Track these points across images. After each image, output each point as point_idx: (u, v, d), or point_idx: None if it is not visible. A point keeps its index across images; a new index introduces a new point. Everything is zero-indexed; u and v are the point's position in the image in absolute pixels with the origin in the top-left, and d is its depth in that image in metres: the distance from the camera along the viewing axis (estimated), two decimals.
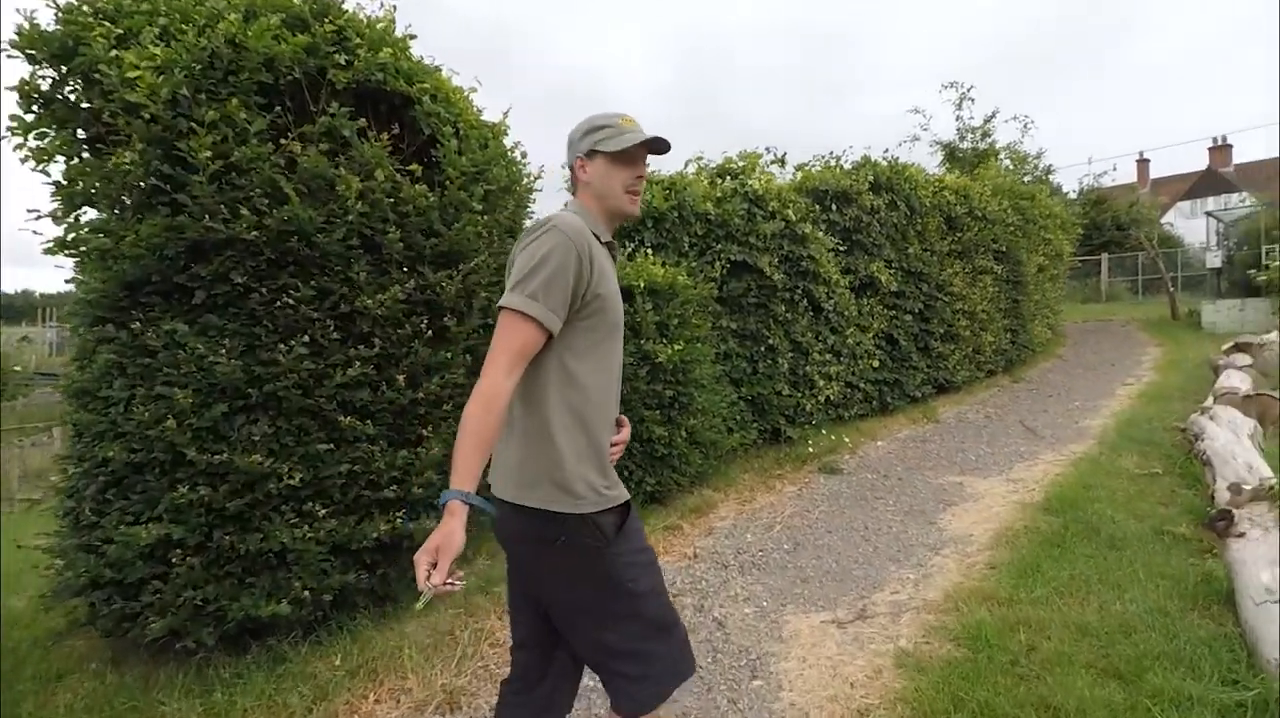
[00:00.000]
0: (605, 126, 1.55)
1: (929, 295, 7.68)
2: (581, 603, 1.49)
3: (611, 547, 1.46)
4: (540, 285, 1.36)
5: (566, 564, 1.44)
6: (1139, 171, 34.54)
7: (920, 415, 7.25)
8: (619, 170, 1.54)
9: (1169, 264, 24.27)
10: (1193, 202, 30.77)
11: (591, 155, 1.55)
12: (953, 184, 8.26)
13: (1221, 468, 4.37)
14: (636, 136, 1.53)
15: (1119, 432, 6.13)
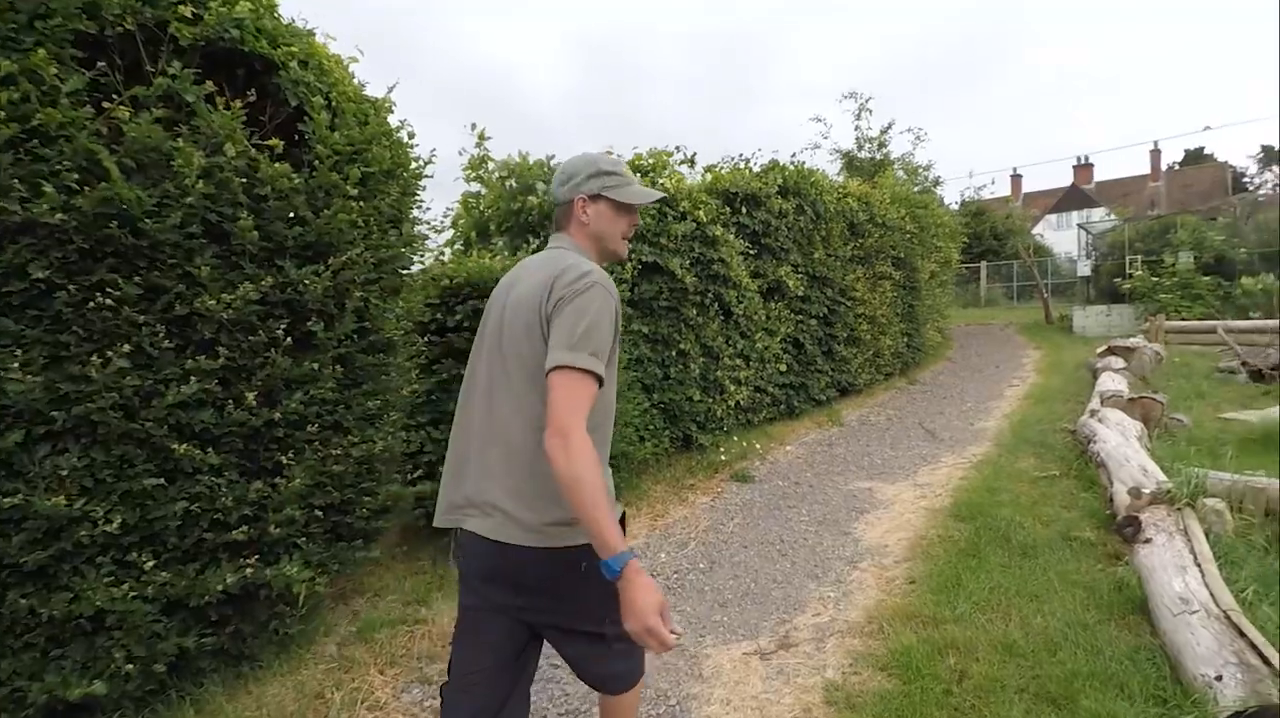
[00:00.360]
0: (614, 173, 1.61)
1: (833, 300, 7.74)
2: (594, 610, 1.49)
3: None
4: (600, 344, 1.41)
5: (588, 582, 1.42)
6: (1013, 186, 37.42)
7: (825, 419, 7.27)
8: (621, 218, 1.63)
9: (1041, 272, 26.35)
10: (1059, 215, 33.67)
11: (596, 199, 1.60)
12: (855, 191, 8.39)
13: (1117, 470, 4.52)
14: (648, 195, 1.65)
15: (1014, 434, 6.35)
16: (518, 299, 1.53)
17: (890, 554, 3.87)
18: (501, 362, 1.52)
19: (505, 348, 1.52)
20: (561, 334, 1.40)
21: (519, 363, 1.48)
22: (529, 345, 1.47)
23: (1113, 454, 4.78)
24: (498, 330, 1.55)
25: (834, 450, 6.25)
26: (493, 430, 1.50)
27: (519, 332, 1.49)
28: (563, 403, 1.34)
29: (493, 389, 1.53)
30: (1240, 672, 2.27)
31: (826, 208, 7.51)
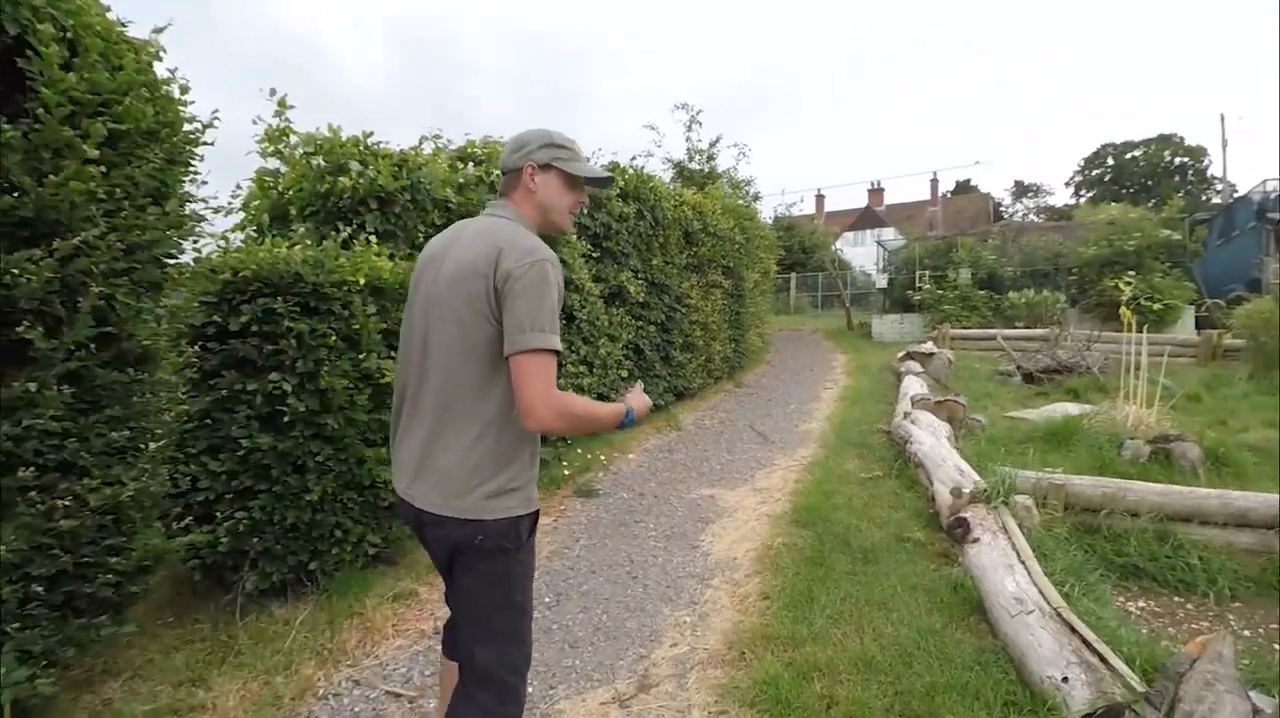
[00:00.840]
0: (566, 147, 1.66)
1: (670, 306, 7.72)
2: (474, 593, 1.60)
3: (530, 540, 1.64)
4: (555, 321, 1.47)
5: (477, 562, 1.57)
6: (817, 205, 40.99)
7: (664, 424, 7.21)
8: (569, 192, 1.67)
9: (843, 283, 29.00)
10: (855, 232, 37.43)
11: (547, 169, 1.63)
12: (691, 200, 8.47)
13: (935, 470, 4.82)
14: (598, 171, 1.71)
15: (836, 435, 6.67)
16: (458, 270, 1.52)
17: (740, 568, 3.77)
18: (437, 330, 1.54)
19: (443, 318, 1.53)
20: (524, 318, 1.44)
21: (461, 331, 1.50)
22: (473, 317, 1.49)
23: (929, 455, 5.12)
24: (431, 300, 1.57)
25: (675, 457, 6.16)
26: (428, 401, 1.55)
27: (460, 303, 1.50)
28: (541, 383, 1.43)
29: (428, 360, 1.56)
30: (1083, 672, 2.36)
31: (665, 214, 7.46)
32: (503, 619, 1.60)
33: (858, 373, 10.88)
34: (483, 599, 1.58)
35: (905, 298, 15.84)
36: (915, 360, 9.89)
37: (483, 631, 1.59)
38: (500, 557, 1.55)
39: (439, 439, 1.53)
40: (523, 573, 1.63)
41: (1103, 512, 4.26)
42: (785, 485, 5.23)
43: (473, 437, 1.51)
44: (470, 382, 1.50)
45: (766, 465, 5.85)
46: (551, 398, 1.43)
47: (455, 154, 5.04)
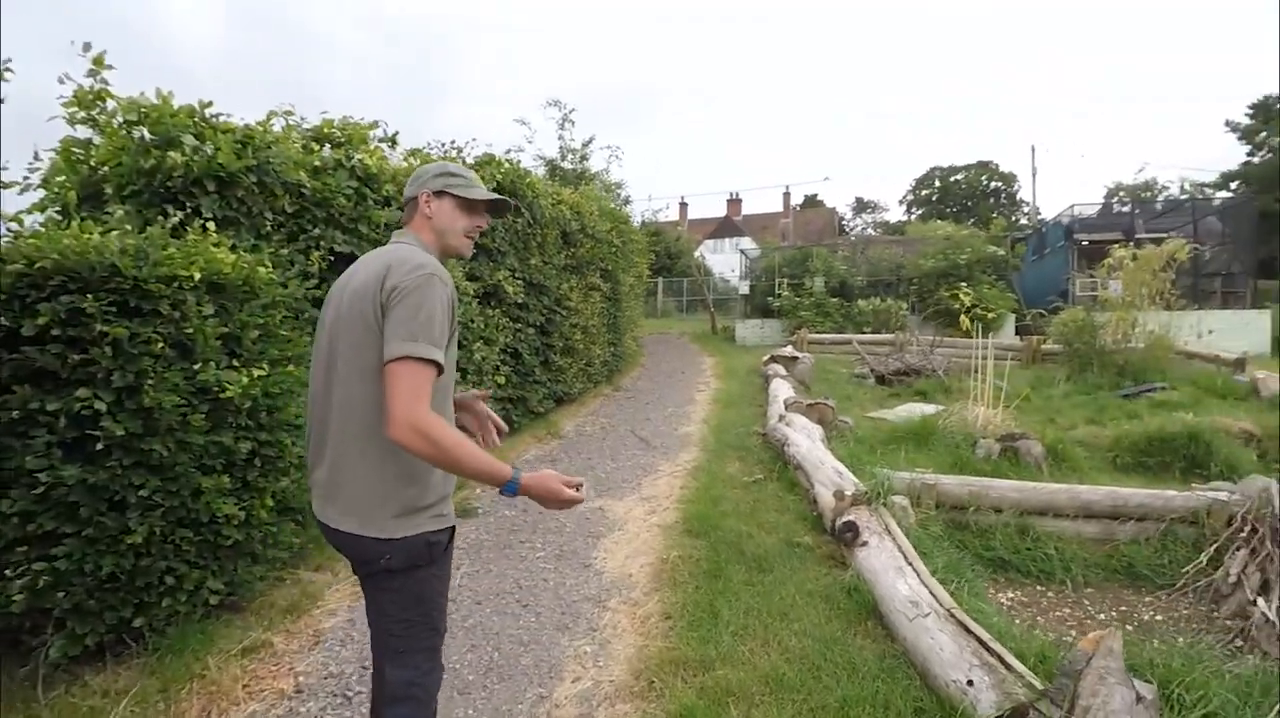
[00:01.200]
0: (459, 175, 1.74)
1: (549, 308, 7.44)
2: (387, 610, 1.62)
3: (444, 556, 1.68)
4: (438, 333, 1.48)
5: (390, 582, 1.59)
6: (680, 212, 42.05)
7: (544, 431, 6.92)
8: (465, 216, 1.74)
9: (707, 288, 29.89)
10: (716, 240, 38.85)
11: (440, 195, 1.71)
12: (569, 199, 8.23)
13: (814, 473, 4.92)
14: (491, 194, 1.77)
15: (716, 438, 6.71)
16: (354, 292, 1.56)
17: (637, 585, 3.60)
18: (339, 354, 1.56)
19: (342, 341, 1.55)
20: (399, 325, 1.45)
21: (355, 353, 1.53)
22: (365, 336, 1.51)
23: (808, 457, 5.23)
24: (335, 323, 1.59)
25: (558, 467, 5.84)
26: (332, 423, 1.57)
27: (356, 324, 1.53)
28: (405, 392, 1.41)
29: (331, 383, 1.58)
30: (986, 674, 2.40)
31: (543, 213, 7.17)
32: (416, 638, 1.63)
33: (727, 376, 11.14)
34: (396, 617, 1.61)
35: (766, 304, 16.55)
36: (780, 364, 10.28)
37: (395, 650, 1.62)
38: (413, 575, 1.58)
39: (344, 461, 1.55)
40: (437, 591, 1.65)
41: (970, 509, 4.54)
42: (672, 493, 5.14)
43: (376, 457, 1.52)
44: (370, 402, 1.51)
45: (652, 472, 5.74)
46: (414, 412, 1.40)
47: (310, 134, 4.48)
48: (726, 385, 10.14)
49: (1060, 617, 3.80)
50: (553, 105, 13.33)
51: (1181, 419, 6.18)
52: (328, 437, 1.58)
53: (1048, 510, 4.57)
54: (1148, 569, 4.19)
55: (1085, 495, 4.58)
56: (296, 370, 3.17)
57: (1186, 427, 5.97)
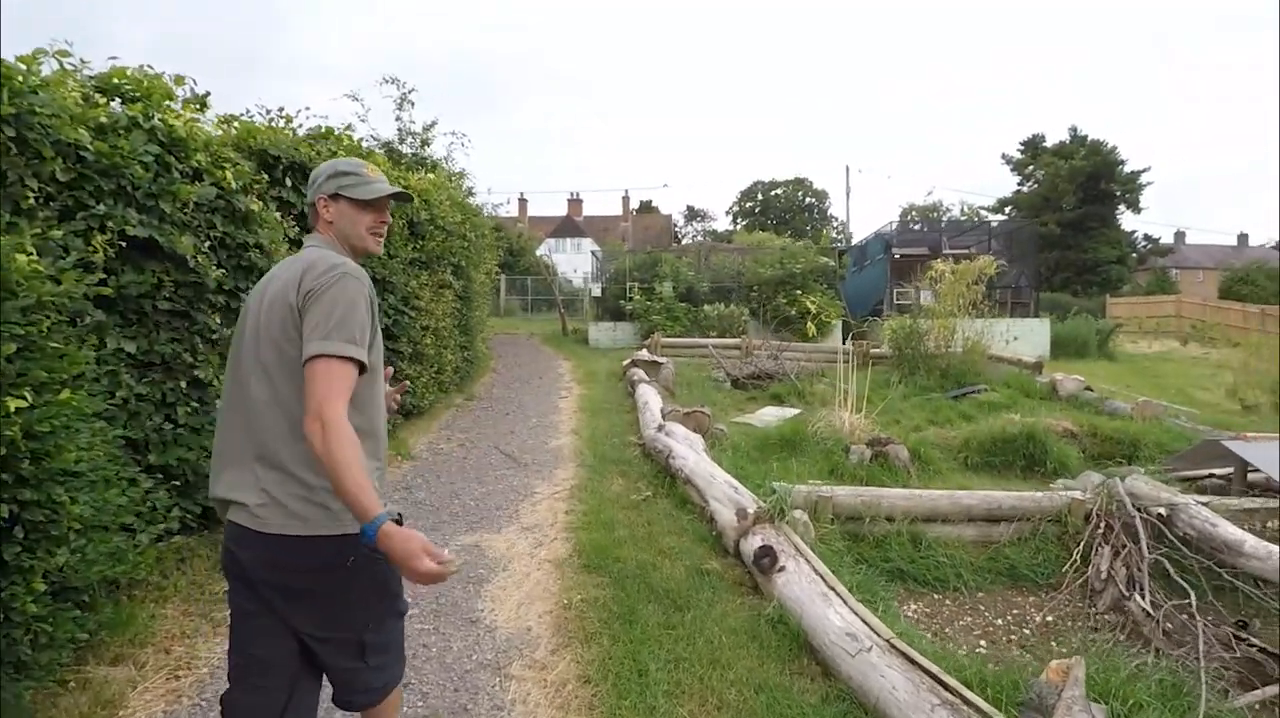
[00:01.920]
0: (350, 173, 1.69)
1: (397, 309, 6.56)
2: (355, 614, 1.57)
3: None
4: (359, 330, 1.50)
5: (354, 580, 1.53)
6: (520, 209, 41.02)
7: (393, 453, 6.06)
8: (363, 214, 1.71)
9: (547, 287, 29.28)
10: (557, 239, 38.35)
11: (335, 198, 1.69)
12: (417, 186, 7.36)
13: (707, 488, 4.65)
14: (382, 189, 1.72)
15: (591, 452, 6.27)
16: (271, 298, 1.56)
17: (540, 641, 3.07)
18: (258, 360, 1.55)
19: (262, 347, 1.55)
20: (315, 324, 1.46)
21: (278, 357, 1.53)
22: (285, 340, 1.52)
23: (697, 471, 4.97)
24: (254, 331, 1.58)
25: (416, 496, 5.13)
26: (254, 426, 1.54)
27: (275, 329, 1.53)
28: (321, 389, 1.41)
29: (249, 387, 1.56)
30: (949, 714, 2.21)
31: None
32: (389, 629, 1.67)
33: (588, 381, 10.74)
34: (366, 616, 1.59)
35: (618, 307, 16.40)
36: (641, 368, 10.07)
37: (374, 650, 1.62)
38: (376, 564, 1.49)
39: (277, 466, 1.51)
40: (392, 573, 1.59)
41: (866, 519, 4.51)
42: (557, 519, 4.63)
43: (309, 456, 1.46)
44: (298, 403, 1.48)
45: (528, 496, 5.17)
46: (324, 407, 1.38)
47: (95, 83, 3.42)
48: (589, 391, 9.73)
49: (965, 626, 3.84)
50: (389, 83, 12.09)
51: (1019, 421, 6.75)
52: (260, 447, 1.53)
53: (934, 517, 4.67)
54: (1028, 570, 4.40)
55: (965, 500, 4.74)
56: (75, 397, 2.27)
57: (1023, 428, 6.52)
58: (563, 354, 14.57)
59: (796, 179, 56.78)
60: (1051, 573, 4.41)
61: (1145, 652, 3.45)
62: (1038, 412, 8.46)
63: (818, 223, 55.62)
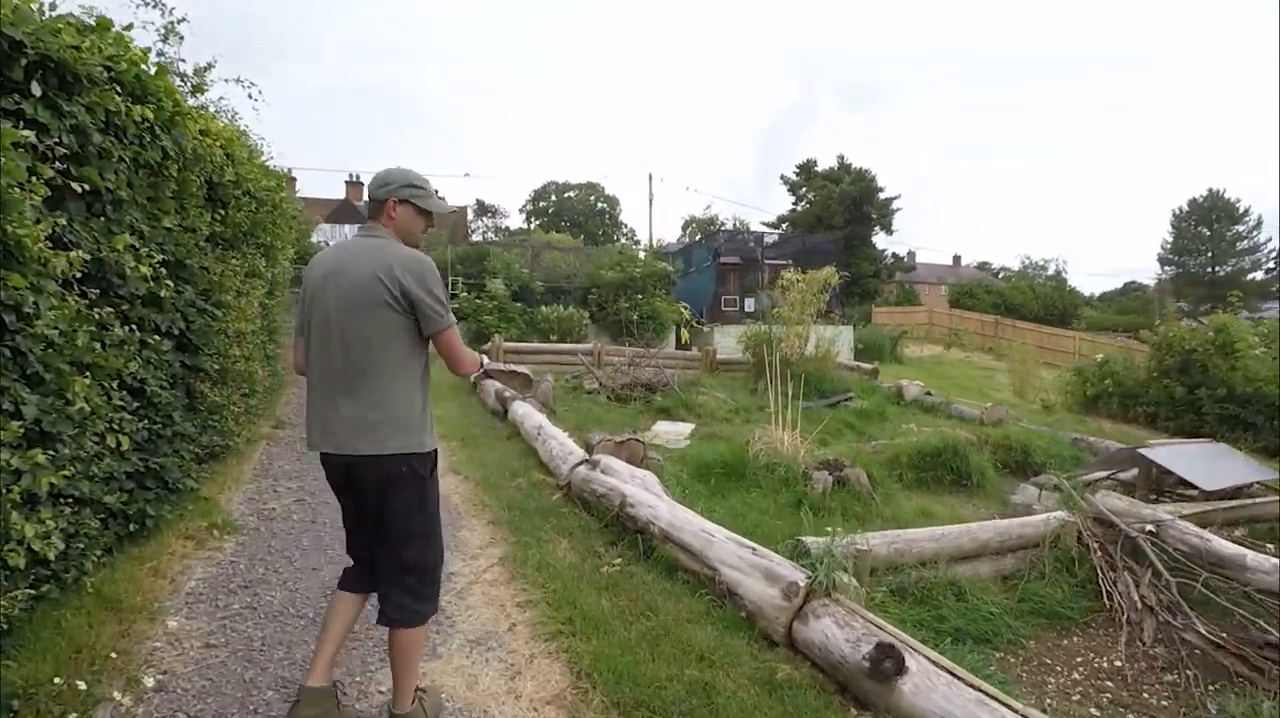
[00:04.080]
0: (420, 187, 2.18)
1: (196, 306, 4.45)
2: (401, 530, 2.17)
3: (432, 478, 2.22)
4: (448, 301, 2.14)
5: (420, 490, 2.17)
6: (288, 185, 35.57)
7: (205, 524, 4.00)
8: (420, 219, 2.20)
9: None
10: (334, 224, 33.83)
11: (404, 203, 2.14)
12: (222, 133, 5.19)
13: (706, 550, 3.52)
14: (445, 207, 2.31)
15: (497, 500, 4.75)
16: (359, 280, 2.05)
17: None
18: (356, 329, 2.05)
19: (359, 319, 2.05)
20: (436, 304, 2.05)
21: (380, 327, 2.05)
22: (390, 314, 2.04)
23: (680, 526, 3.81)
24: (343, 307, 2.07)
25: (264, 604, 3.27)
26: (358, 380, 2.07)
27: (370, 307, 2.03)
28: (458, 349, 2.15)
29: (350, 352, 2.06)
30: None
31: (185, 144, 4.21)
32: (423, 524, 2.20)
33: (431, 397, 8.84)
34: (419, 513, 2.17)
35: None
36: (498, 380, 8.52)
37: (410, 535, 2.16)
38: (433, 479, 2.21)
39: (386, 401, 2.07)
40: (435, 491, 2.25)
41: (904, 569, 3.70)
42: (514, 620, 3.16)
43: (413, 397, 2.13)
44: (405, 359, 2.09)
45: (445, 580, 3.57)
46: (464, 358, 2.21)
47: None
48: (439, 411, 7.84)
49: (1035, 683, 3.21)
50: (149, 5, 8.95)
51: (939, 434, 6.52)
52: (358, 389, 2.06)
53: (959, 556, 4.03)
54: (1058, 606, 3.93)
55: (981, 534, 4.16)
56: None
57: (946, 441, 6.28)
58: None
59: (589, 183, 56.99)
60: (1074, 604, 4.00)
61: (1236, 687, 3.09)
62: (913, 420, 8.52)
63: (609, 228, 56.27)
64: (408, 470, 2.06)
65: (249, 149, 6.61)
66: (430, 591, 2.21)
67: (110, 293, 3.45)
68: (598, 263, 15.60)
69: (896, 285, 42.22)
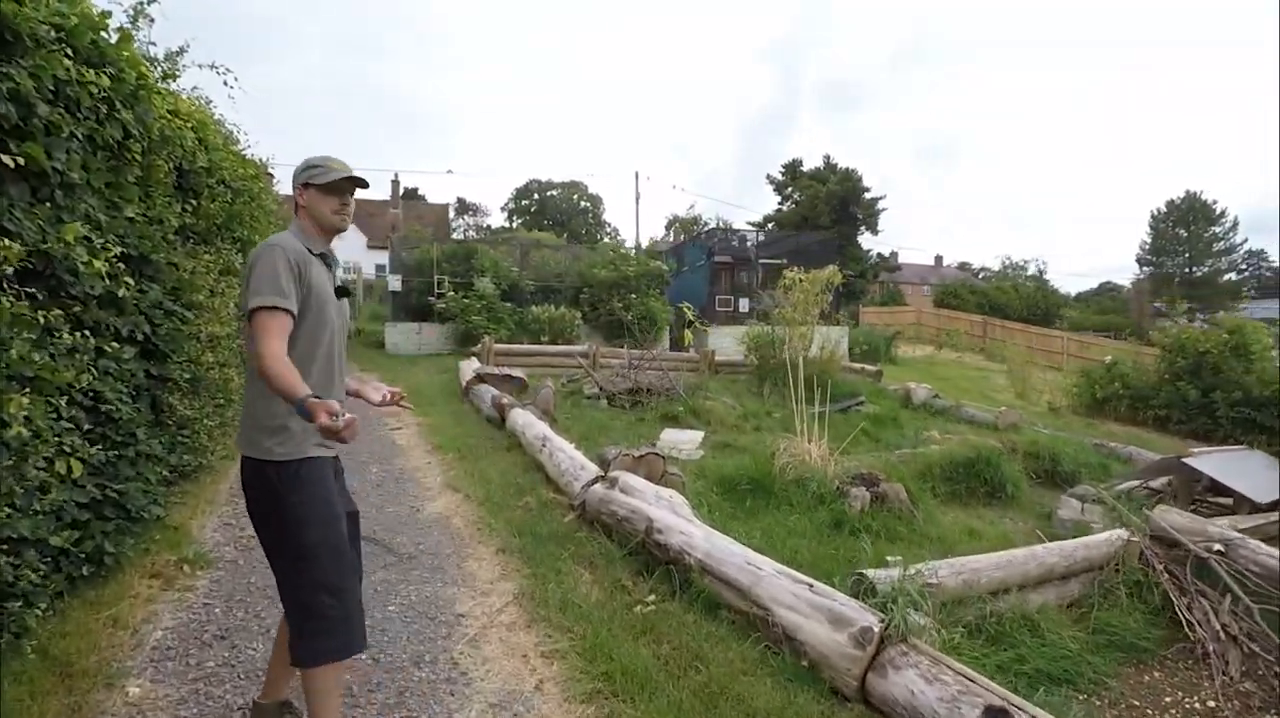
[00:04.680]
0: (316, 166, 2.06)
1: (163, 307, 3.94)
2: (272, 539, 1.97)
3: (291, 493, 1.92)
4: (272, 284, 1.85)
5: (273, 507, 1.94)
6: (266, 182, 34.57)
7: (171, 560, 3.49)
8: (327, 198, 2.05)
9: None
10: None
11: (306, 187, 2.04)
12: (194, 114, 4.69)
13: (755, 586, 3.09)
14: (341, 170, 2.06)
15: (504, 523, 4.28)
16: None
17: None
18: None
19: None
20: (251, 282, 1.87)
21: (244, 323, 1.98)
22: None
23: (720, 557, 3.37)
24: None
25: (239, 657, 2.78)
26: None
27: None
28: (258, 336, 1.83)
29: None
30: None
31: (151, 123, 3.70)
32: (286, 546, 1.98)
33: (417, 402, 8.29)
34: (268, 529, 2.02)
35: (424, 305, 13.73)
36: (491, 385, 8.03)
37: (274, 556, 2.02)
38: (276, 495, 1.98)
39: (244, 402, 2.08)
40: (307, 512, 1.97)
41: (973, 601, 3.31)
42: (540, 676, 2.70)
43: (251, 394, 2.07)
44: (251, 355, 1.96)
45: (453, 626, 3.09)
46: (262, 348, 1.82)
47: None
48: (431, 419, 7.41)
49: None
50: None
51: (971, 443, 6.15)
52: None
53: (1025, 583, 3.65)
54: (1134, 637, 3.56)
55: (1048, 559, 3.78)
56: None
57: (978, 451, 5.92)
58: (357, 364, 11.66)
59: (572, 182, 56.37)
60: (1149, 633, 3.64)
61: None
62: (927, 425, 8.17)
63: (593, 227, 55.69)
64: (255, 479, 1.91)
65: (224, 135, 6.06)
66: (311, 628, 1.91)
67: (59, 292, 2.96)
68: (590, 261, 15.10)
69: (880, 285, 42.19)
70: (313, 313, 1.94)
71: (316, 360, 1.96)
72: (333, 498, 1.99)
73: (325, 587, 1.91)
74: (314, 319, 1.94)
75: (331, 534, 1.94)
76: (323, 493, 1.95)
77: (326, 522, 1.93)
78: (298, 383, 1.73)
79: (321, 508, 1.93)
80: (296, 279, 1.88)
